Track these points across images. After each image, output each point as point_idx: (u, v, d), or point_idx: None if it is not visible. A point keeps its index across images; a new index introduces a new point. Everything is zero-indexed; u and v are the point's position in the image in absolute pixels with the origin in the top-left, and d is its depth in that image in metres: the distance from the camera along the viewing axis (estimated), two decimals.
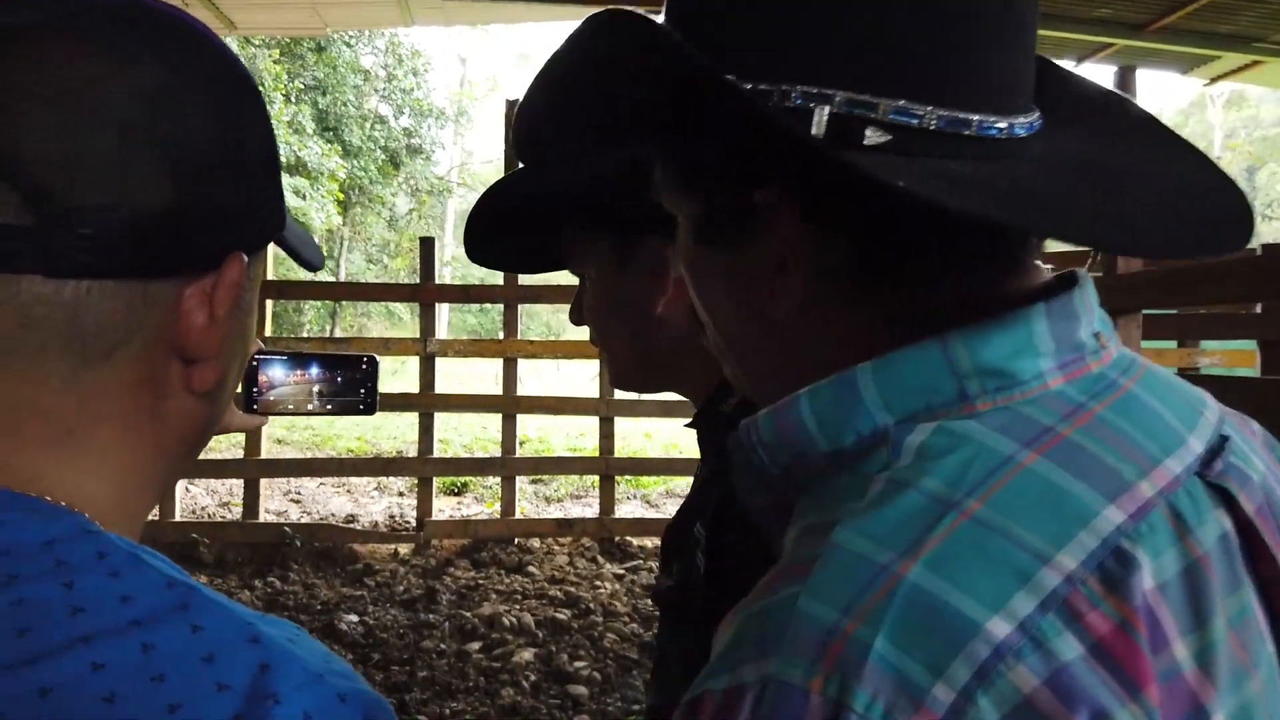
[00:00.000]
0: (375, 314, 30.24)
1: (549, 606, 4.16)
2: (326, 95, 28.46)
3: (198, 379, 0.46)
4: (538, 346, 5.42)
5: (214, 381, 0.47)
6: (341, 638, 3.71)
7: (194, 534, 4.88)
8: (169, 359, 0.45)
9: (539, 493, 7.14)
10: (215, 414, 0.52)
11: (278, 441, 9.28)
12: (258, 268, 0.50)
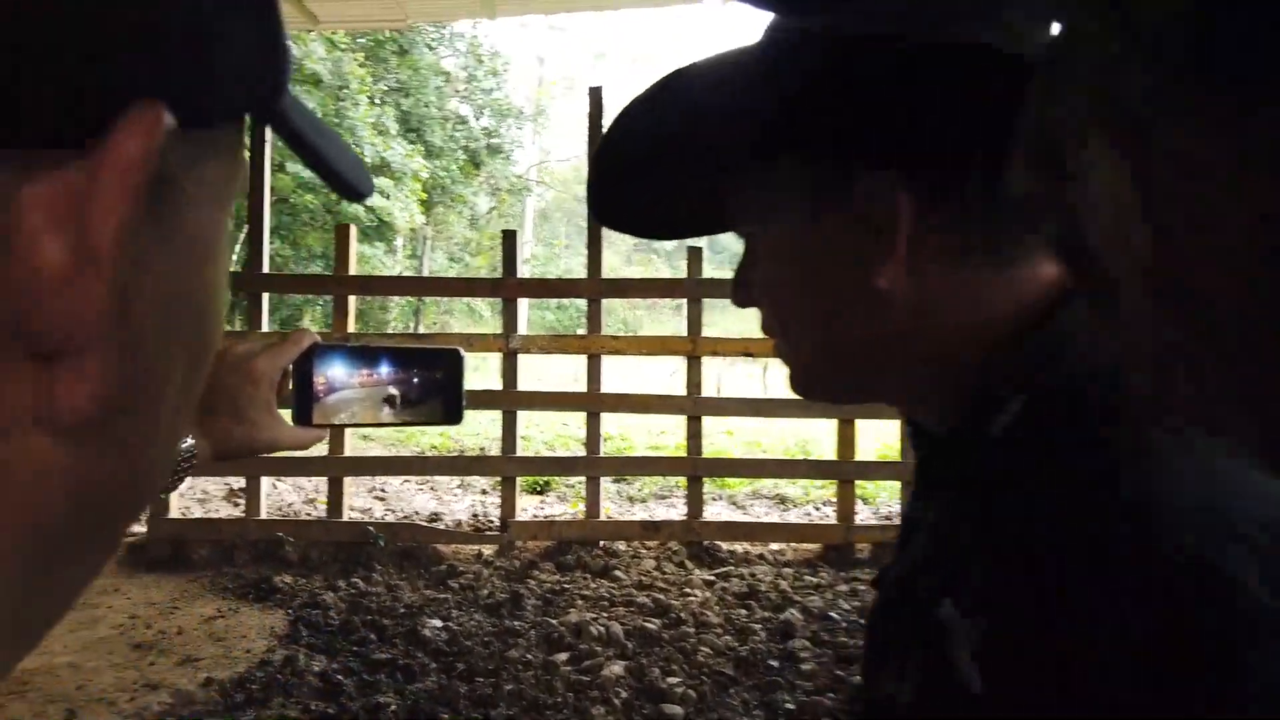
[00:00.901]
0: (458, 312, 30.63)
1: (637, 615, 3.97)
2: (409, 97, 28.92)
3: (63, 396, 0.21)
4: (621, 342, 5.22)
5: (96, 401, 0.21)
6: (425, 645, 3.58)
7: (279, 532, 4.83)
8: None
9: (622, 492, 6.97)
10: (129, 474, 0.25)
11: (363, 438, 9.33)
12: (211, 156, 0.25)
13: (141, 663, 3.42)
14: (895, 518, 5.99)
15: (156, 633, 3.73)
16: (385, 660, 3.43)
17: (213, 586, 4.40)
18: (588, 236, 5.14)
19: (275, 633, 3.77)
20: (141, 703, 3.07)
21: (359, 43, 27.56)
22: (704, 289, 5.03)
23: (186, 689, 3.18)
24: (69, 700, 3.05)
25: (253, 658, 3.49)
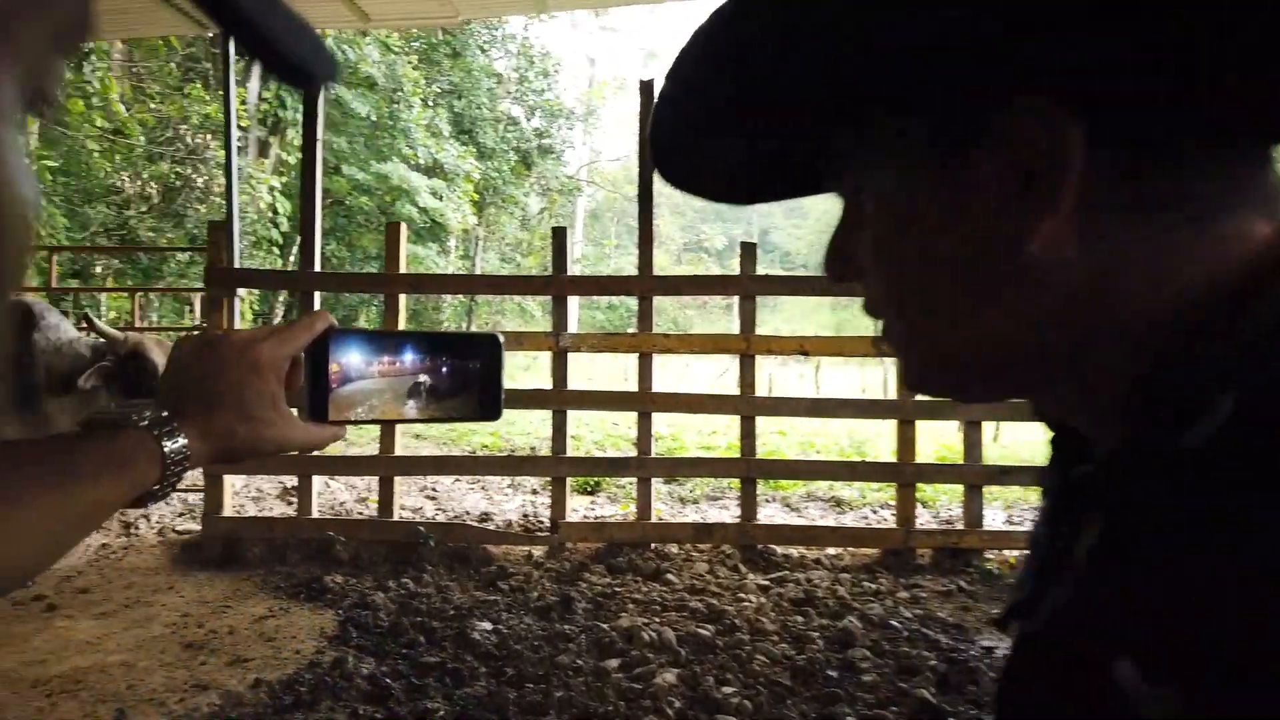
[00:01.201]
0: (509, 312, 30.81)
1: (690, 620, 3.86)
2: (462, 99, 29.17)
3: None
4: (673, 341, 5.12)
5: None
6: (475, 648, 3.51)
7: (330, 531, 4.82)
8: None
9: (673, 493, 6.86)
10: None
11: (415, 437, 9.36)
12: None
13: (192, 662, 3.40)
14: (956, 522, 5.80)
15: (208, 632, 3.72)
16: (434, 664, 3.37)
17: (265, 585, 4.39)
18: (639, 234, 5.04)
19: (325, 633, 3.74)
20: (191, 704, 3.05)
21: (412, 46, 27.86)
22: (758, 285, 4.91)
23: (235, 690, 3.15)
24: (120, 700, 3.04)
25: (302, 659, 3.46)
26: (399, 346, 0.75)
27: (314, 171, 5.06)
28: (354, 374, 0.73)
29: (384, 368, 0.74)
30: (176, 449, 0.67)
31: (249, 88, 19.79)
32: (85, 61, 10.04)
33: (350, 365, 0.73)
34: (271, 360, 0.72)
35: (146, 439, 0.66)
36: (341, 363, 0.73)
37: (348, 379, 0.73)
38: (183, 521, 5.50)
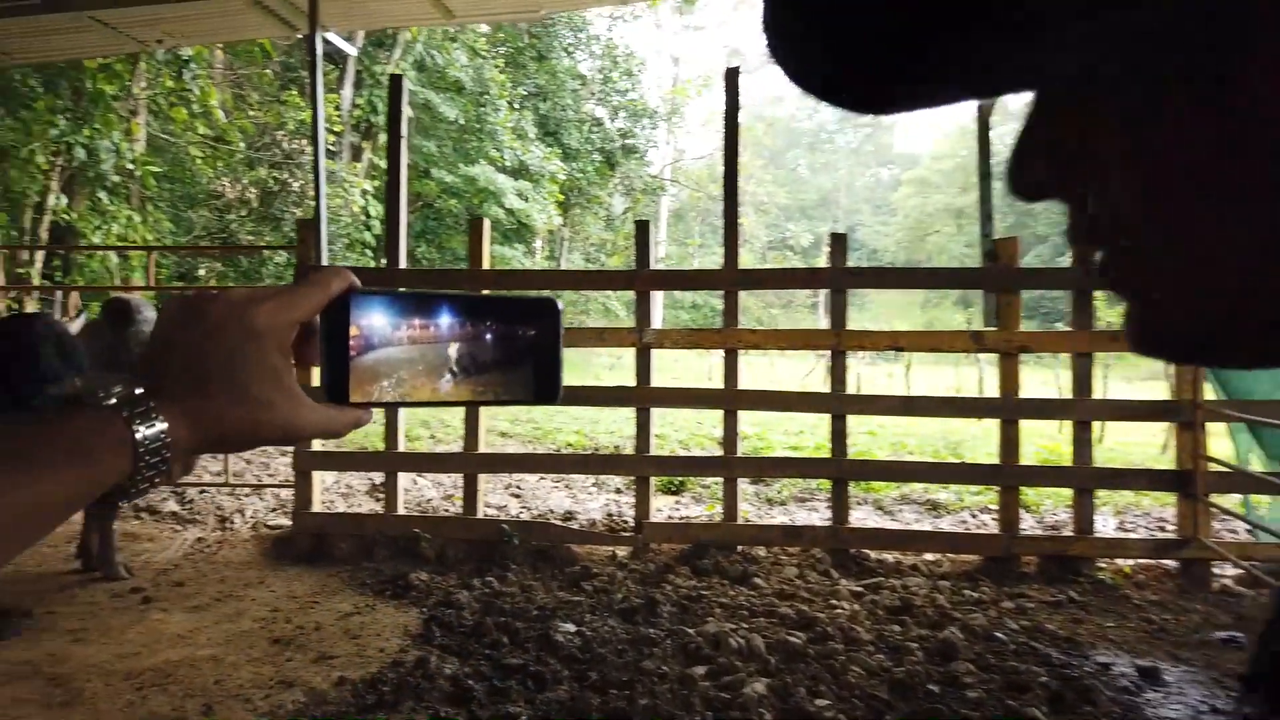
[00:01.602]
0: (594, 311, 30.94)
1: (779, 627, 3.71)
2: (547, 101, 29.44)
3: None
4: (760, 336, 4.96)
5: None
6: (558, 650, 3.43)
7: (416, 528, 4.82)
8: None
9: (760, 494, 6.69)
10: None
11: (501, 435, 9.40)
12: None
13: (279, 658, 3.41)
14: (1062, 528, 5.49)
15: (295, 628, 3.74)
16: (516, 666, 3.30)
17: (352, 581, 4.40)
18: (724, 227, 4.90)
19: (409, 632, 3.71)
20: (276, 700, 3.04)
21: (499, 50, 28.24)
22: (849, 278, 4.71)
23: (320, 688, 3.14)
24: (207, 695, 3.05)
25: (385, 657, 3.43)
26: (435, 312, 0.63)
27: (398, 171, 5.07)
28: (378, 340, 0.61)
29: (416, 336, 0.62)
30: (152, 435, 0.55)
31: (343, 94, 20.29)
32: (185, 69, 10.37)
33: (376, 336, 0.61)
34: (274, 326, 0.59)
35: (114, 422, 0.54)
36: (365, 332, 0.61)
37: (370, 346, 0.61)
38: (275, 516, 5.58)
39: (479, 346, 0.64)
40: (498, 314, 0.64)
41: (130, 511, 5.55)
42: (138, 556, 4.70)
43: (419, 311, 0.62)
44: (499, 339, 0.64)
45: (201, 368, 0.58)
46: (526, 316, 0.65)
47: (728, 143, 4.88)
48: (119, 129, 10.25)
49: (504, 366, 0.64)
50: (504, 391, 0.65)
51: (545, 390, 0.66)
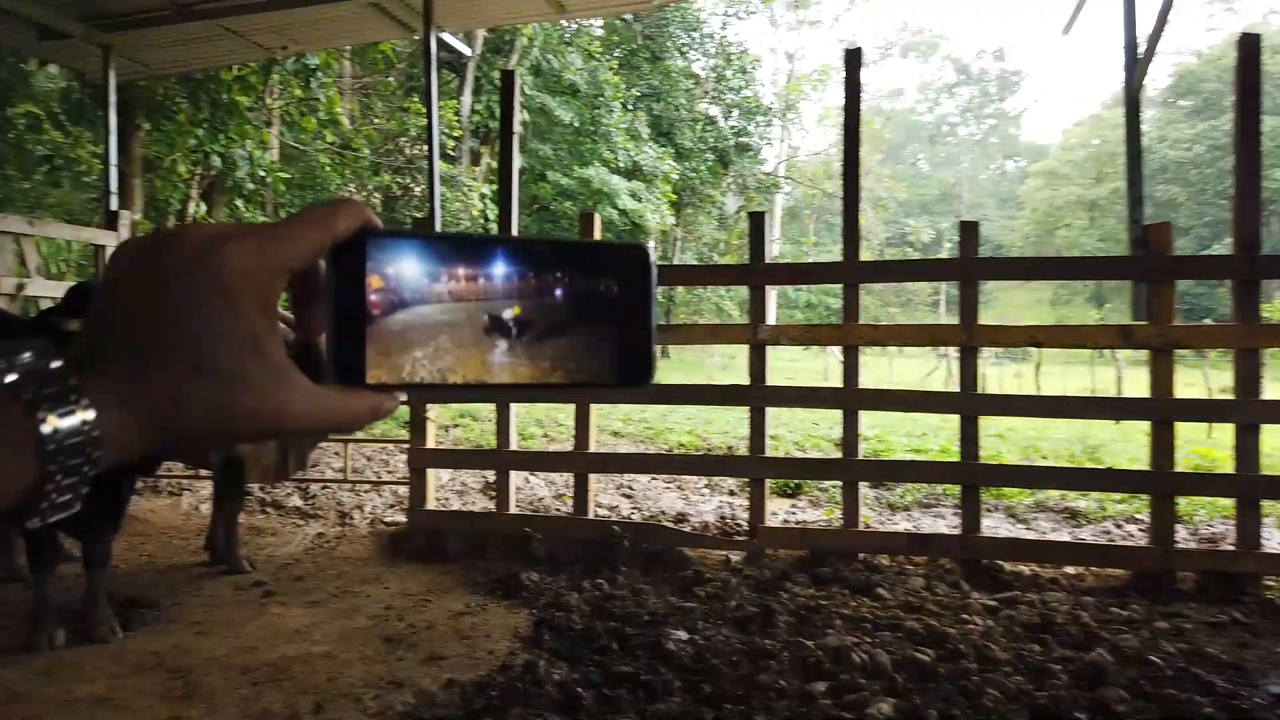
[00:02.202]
0: (706, 311, 30.76)
1: (906, 642, 3.47)
2: (660, 101, 29.45)
3: None
4: (881, 332, 4.70)
5: None
6: (670, 659, 3.29)
7: (527, 528, 4.77)
8: None
9: (881, 498, 6.40)
10: None
11: (613, 434, 9.34)
12: None
13: (390, 657, 3.39)
14: (1221, 541, 5.01)
15: (407, 626, 3.72)
16: (627, 674, 3.17)
17: (464, 580, 4.38)
18: (843, 218, 4.66)
19: (518, 634, 3.65)
20: (385, 701, 3.01)
21: (613, 53, 28.41)
22: (982, 269, 4.40)
23: (429, 690, 3.09)
24: (319, 693, 3.04)
25: (495, 660, 3.37)
26: (484, 262, 0.47)
27: (510, 165, 5.04)
28: (408, 295, 0.46)
29: (458, 294, 0.46)
30: (69, 426, 0.39)
31: (461, 100, 20.77)
32: (312, 78, 10.74)
33: (403, 292, 0.46)
34: (251, 274, 0.43)
35: (6, 408, 0.39)
36: (388, 287, 0.45)
37: (396, 304, 0.46)
38: (392, 513, 5.65)
39: (543, 309, 0.48)
40: (569, 265, 0.49)
41: (256, 505, 5.72)
42: (261, 550, 4.81)
43: (461, 261, 0.47)
44: (570, 300, 0.48)
45: (150, 331, 0.42)
46: (606, 269, 0.49)
47: (848, 125, 4.65)
48: (253, 139, 10.69)
49: (577, 337, 0.49)
50: (578, 371, 0.49)
51: (632, 369, 0.50)
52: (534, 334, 0.48)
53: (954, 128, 66.59)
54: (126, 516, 4.03)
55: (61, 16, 5.39)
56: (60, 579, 3.78)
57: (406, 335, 0.45)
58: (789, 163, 39.56)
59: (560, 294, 0.48)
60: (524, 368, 0.48)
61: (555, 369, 0.48)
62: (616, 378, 0.50)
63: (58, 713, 2.83)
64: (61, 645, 3.33)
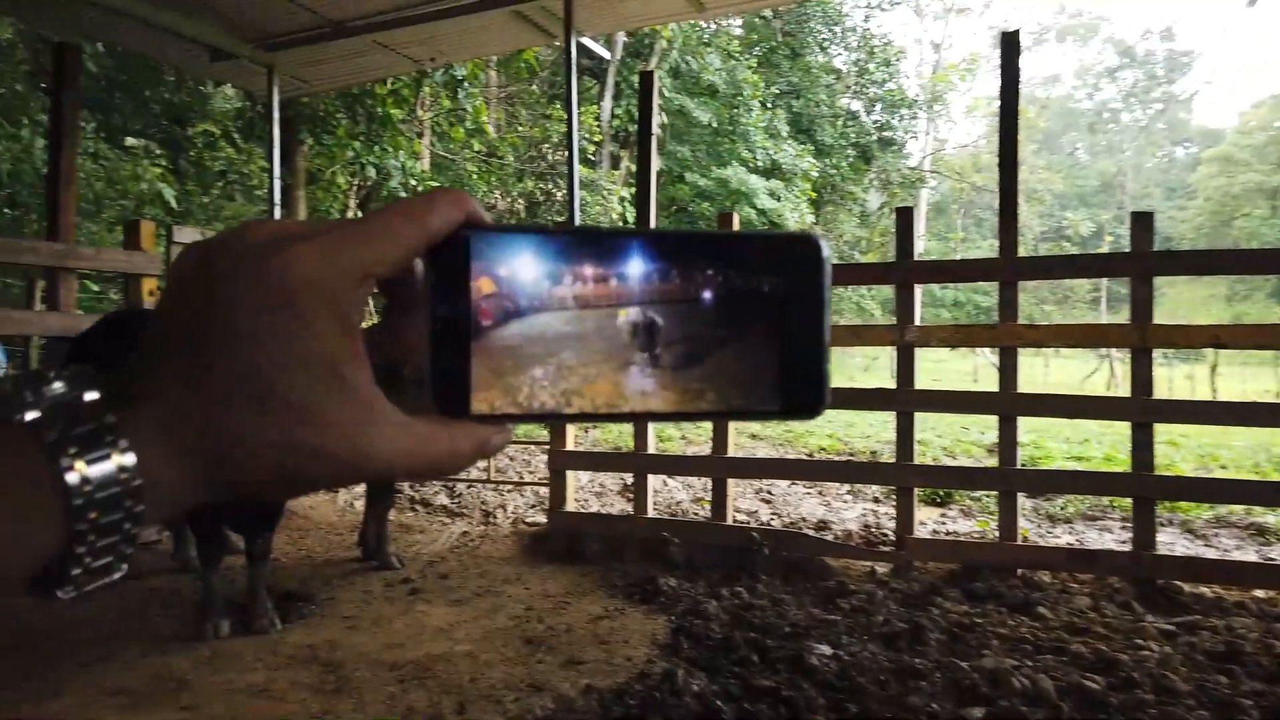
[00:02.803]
0: (847, 310, 30.05)
1: (1071, 667, 3.22)
2: (800, 98, 29.00)
3: None
4: (1043, 332, 4.39)
5: None
6: (812, 675, 3.16)
7: (664, 532, 4.72)
8: None
9: (1039, 509, 6.02)
10: None
11: (751, 437, 9.20)
12: None
13: (530, 659, 3.40)
14: None
15: (547, 628, 3.73)
16: (767, 688, 3.07)
17: (602, 583, 4.37)
18: (999, 210, 4.39)
19: (657, 641, 3.59)
20: (525, 704, 3.01)
21: (752, 52, 28.15)
22: (1159, 263, 4.04)
23: (568, 695, 3.08)
24: (462, 693, 3.08)
25: (633, 667, 3.32)
26: (615, 261, 0.39)
27: (648, 166, 5.01)
28: (523, 303, 0.38)
29: (585, 300, 0.38)
30: (103, 476, 0.33)
31: (602, 105, 21.05)
32: (460, 89, 11.10)
33: (517, 300, 0.38)
34: (318, 281, 0.35)
35: (24, 452, 0.33)
36: (499, 295, 0.38)
37: (510, 313, 0.38)
38: (534, 513, 5.72)
39: (689, 317, 0.39)
40: (721, 262, 0.40)
41: (406, 503, 5.91)
42: (410, 547, 4.95)
43: (588, 259, 0.39)
44: (723, 305, 0.40)
45: (201, 355, 0.35)
46: (768, 266, 0.40)
47: (1004, 111, 4.37)
48: (405, 149, 11.14)
49: (731, 352, 0.40)
50: (733, 395, 0.40)
51: (800, 393, 0.41)
52: (678, 348, 0.39)
53: (1115, 114, 62.62)
54: (286, 512, 4.22)
55: (230, 38, 5.73)
56: (226, 570, 3.99)
57: (521, 352, 0.38)
58: (935, 156, 38.19)
59: (710, 298, 0.40)
60: (667, 391, 0.40)
61: (705, 392, 0.40)
62: (780, 404, 0.41)
63: (219, 701, 2.97)
64: (226, 635, 3.51)
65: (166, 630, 3.61)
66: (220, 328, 0.35)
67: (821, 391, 0.41)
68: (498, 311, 0.38)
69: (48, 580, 0.34)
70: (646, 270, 0.39)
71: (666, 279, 0.40)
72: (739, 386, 0.40)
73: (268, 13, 5.42)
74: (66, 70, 4.66)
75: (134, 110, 10.91)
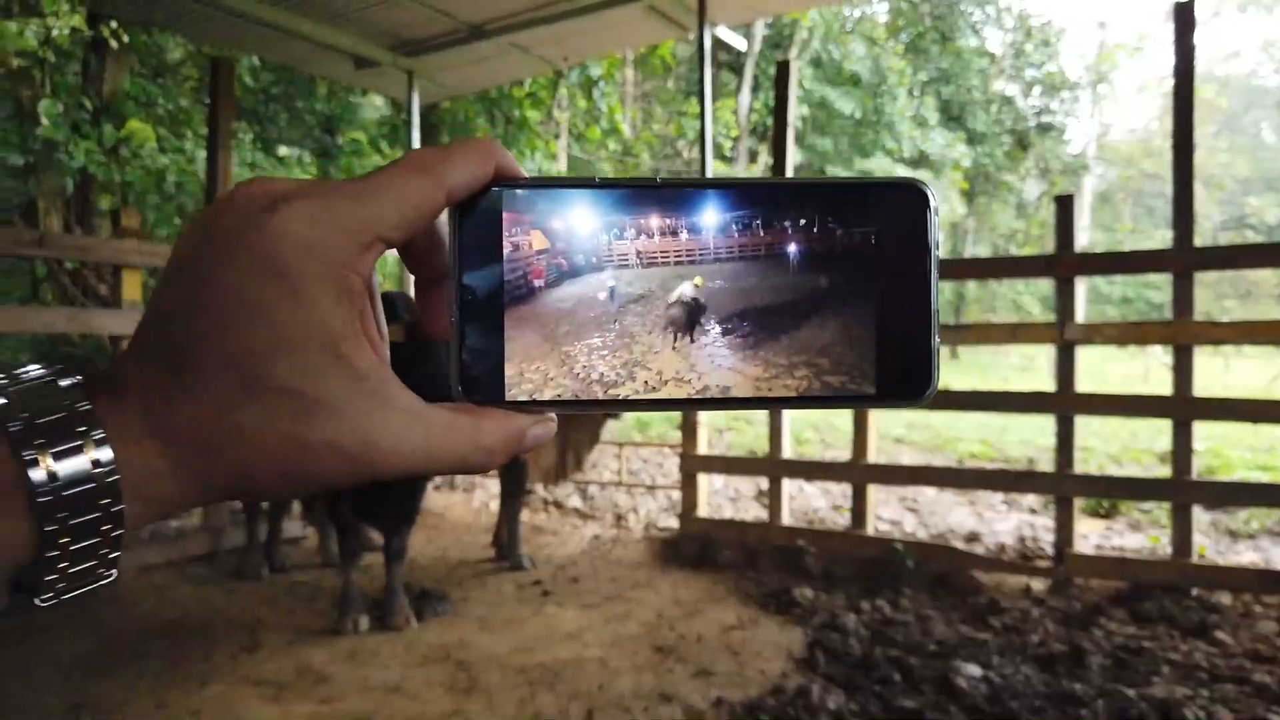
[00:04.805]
0: (1002, 308, 28.69)
1: (1255, 699, 2.88)
2: (949, 84, 27.87)
3: None
4: (1225, 330, 3.96)
5: None
6: (960, 698, 2.95)
7: (800, 541, 4.55)
8: None
9: (1219, 523, 5.49)
10: None
11: (895, 440, 8.85)
12: None
13: (660, 668, 3.32)
14: None
15: (678, 636, 3.65)
16: (910, 710, 2.88)
17: (735, 591, 4.25)
18: (1174, 197, 3.99)
19: (791, 654, 3.45)
20: (654, 715, 2.93)
21: (899, 39, 27.26)
22: None
23: (698, 707, 2.98)
24: (590, 699, 3.03)
25: (766, 680, 3.19)
26: (676, 214, 0.32)
27: (784, 157, 4.84)
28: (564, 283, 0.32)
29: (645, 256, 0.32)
30: (74, 472, 0.28)
31: (739, 99, 20.84)
32: (595, 88, 11.18)
33: (557, 265, 0.32)
34: (314, 246, 0.30)
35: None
36: (535, 259, 0.32)
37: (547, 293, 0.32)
38: (666, 517, 5.65)
39: (770, 282, 0.32)
40: (808, 214, 0.32)
41: (539, 505, 5.96)
42: (542, 549, 4.98)
43: (638, 218, 0.32)
44: (810, 265, 0.32)
45: (186, 335, 0.30)
46: (864, 218, 0.32)
47: (1179, 91, 3.98)
48: (542, 150, 11.32)
49: (821, 320, 0.33)
50: (826, 371, 0.33)
51: (903, 374, 0.33)
52: (758, 317, 0.33)
53: None
54: (422, 511, 4.30)
55: (372, 46, 5.93)
56: (366, 567, 4.11)
57: (567, 323, 0.32)
58: (1100, 141, 35.95)
59: (796, 256, 0.33)
60: (748, 366, 0.33)
61: (791, 371, 0.33)
62: (877, 386, 0.34)
63: (355, 696, 3.03)
64: (364, 631, 3.60)
65: (309, 624, 3.74)
66: (208, 304, 0.30)
67: (928, 371, 0.34)
68: (533, 278, 0.33)
69: (20, 586, 0.30)
70: (722, 224, 0.33)
71: (748, 231, 0.33)
72: (830, 365, 0.33)
73: (407, 19, 5.57)
74: (221, 84, 4.92)
75: (288, 121, 11.54)
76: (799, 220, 0.33)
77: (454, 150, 0.32)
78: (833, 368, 0.34)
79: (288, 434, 0.31)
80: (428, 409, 0.33)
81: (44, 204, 7.94)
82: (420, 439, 0.33)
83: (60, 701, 2.96)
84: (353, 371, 0.32)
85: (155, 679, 3.16)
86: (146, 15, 5.71)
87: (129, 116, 8.24)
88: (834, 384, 0.34)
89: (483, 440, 0.33)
